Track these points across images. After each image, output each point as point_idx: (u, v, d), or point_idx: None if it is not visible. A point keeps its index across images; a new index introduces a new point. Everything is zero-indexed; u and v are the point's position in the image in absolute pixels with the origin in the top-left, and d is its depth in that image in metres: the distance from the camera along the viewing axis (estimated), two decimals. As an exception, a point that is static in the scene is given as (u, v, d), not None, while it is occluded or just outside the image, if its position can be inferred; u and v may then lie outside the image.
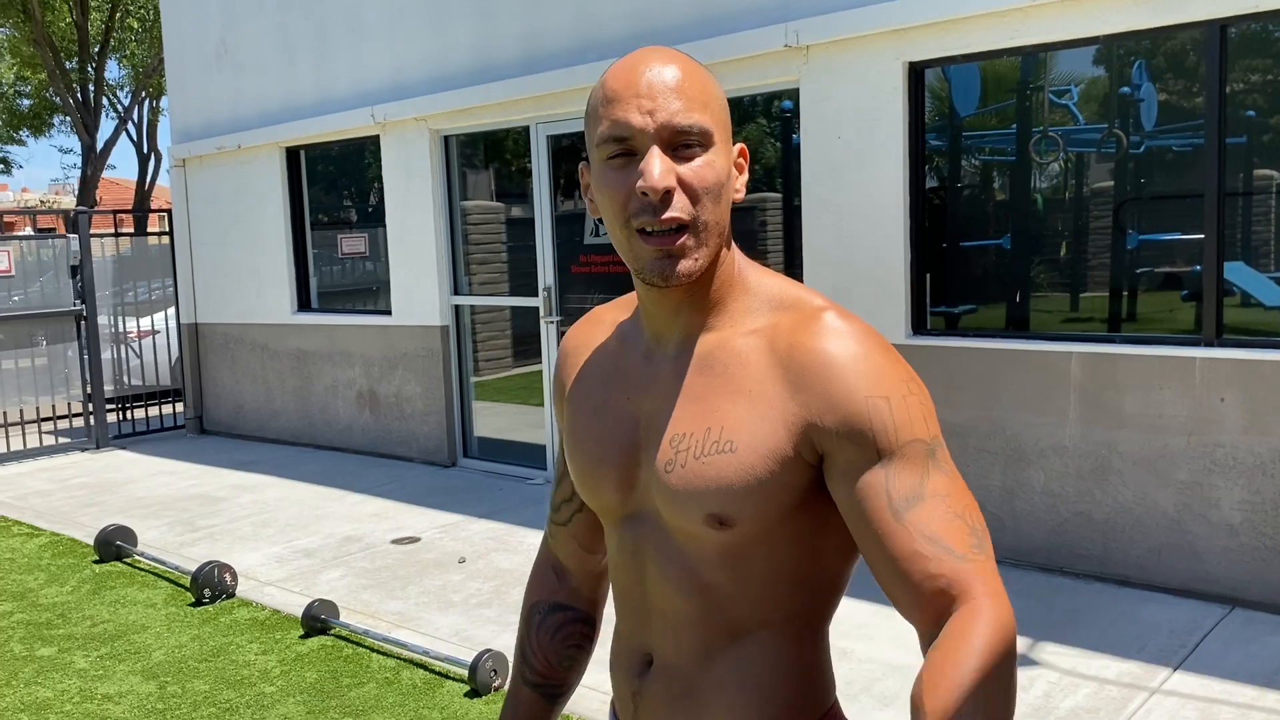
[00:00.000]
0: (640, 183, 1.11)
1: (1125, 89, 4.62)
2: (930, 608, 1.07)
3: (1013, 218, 5.00)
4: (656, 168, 1.11)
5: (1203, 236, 4.44)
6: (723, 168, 1.15)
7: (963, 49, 4.88)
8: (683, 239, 1.13)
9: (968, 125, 5.10)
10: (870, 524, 1.10)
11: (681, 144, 1.12)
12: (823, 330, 1.14)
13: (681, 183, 1.12)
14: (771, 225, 5.89)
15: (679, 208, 1.12)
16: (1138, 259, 4.66)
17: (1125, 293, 4.73)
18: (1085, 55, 4.72)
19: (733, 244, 1.22)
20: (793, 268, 5.86)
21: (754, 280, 1.23)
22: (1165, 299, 4.61)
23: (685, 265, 1.13)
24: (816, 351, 1.13)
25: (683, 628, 1.23)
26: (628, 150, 1.13)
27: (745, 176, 1.21)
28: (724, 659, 1.22)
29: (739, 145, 1.21)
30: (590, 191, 1.23)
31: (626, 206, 1.13)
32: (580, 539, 1.46)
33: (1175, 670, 3.73)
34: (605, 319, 1.37)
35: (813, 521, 1.17)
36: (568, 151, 6.77)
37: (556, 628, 1.47)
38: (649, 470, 1.22)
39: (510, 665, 1.50)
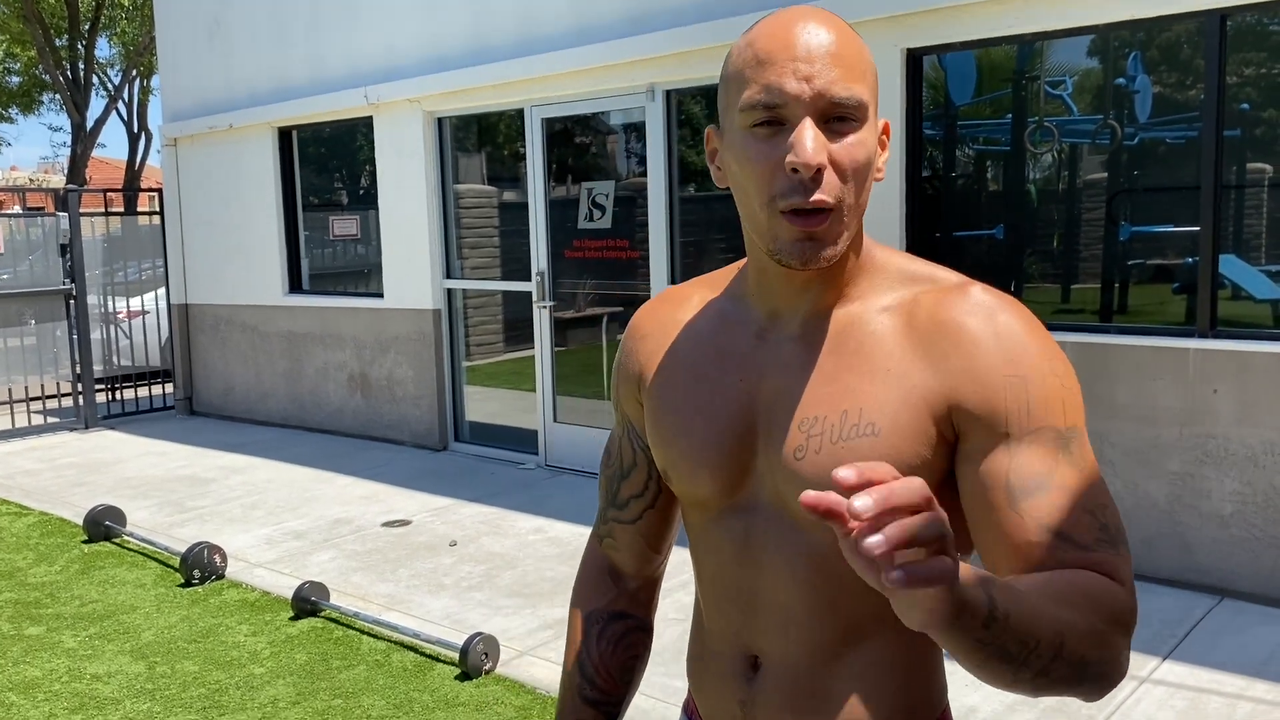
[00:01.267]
0: (791, 157, 1.01)
1: (1120, 80, 4.61)
2: None
3: (1006, 208, 5.00)
4: (810, 143, 1.01)
5: (1197, 229, 4.44)
6: (872, 147, 1.06)
7: (961, 36, 4.86)
8: (828, 222, 1.04)
9: (963, 114, 5.09)
10: (987, 512, 1.03)
11: (835, 117, 1.03)
12: (967, 304, 1.08)
13: (832, 161, 1.03)
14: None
15: (828, 189, 1.02)
16: (1130, 250, 4.67)
17: (1117, 284, 4.73)
18: (1080, 46, 4.71)
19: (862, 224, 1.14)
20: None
21: (881, 257, 1.15)
22: (1157, 290, 4.61)
23: (828, 250, 1.05)
24: (961, 326, 1.07)
25: (802, 624, 1.14)
26: (776, 119, 1.03)
27: (887, 154, 1.13)
28: (847, 658, 1.14)
29: (883, 121, 1.11)
30: (719, 159, 1.13)
31: (771, 183, 1.03)
32: (648, 538, 1.35)
33: (1164, 659, 3.75)
34: (690, 297, 1.26)
35: (947, 508, 1.09)
36: (561, 135, 6.74)
37: (617, 639, 1.37)
38: (770, 457, 1.13)
39: (563, 678, 1.37)
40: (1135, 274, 4.67)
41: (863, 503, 0.75)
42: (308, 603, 4.44)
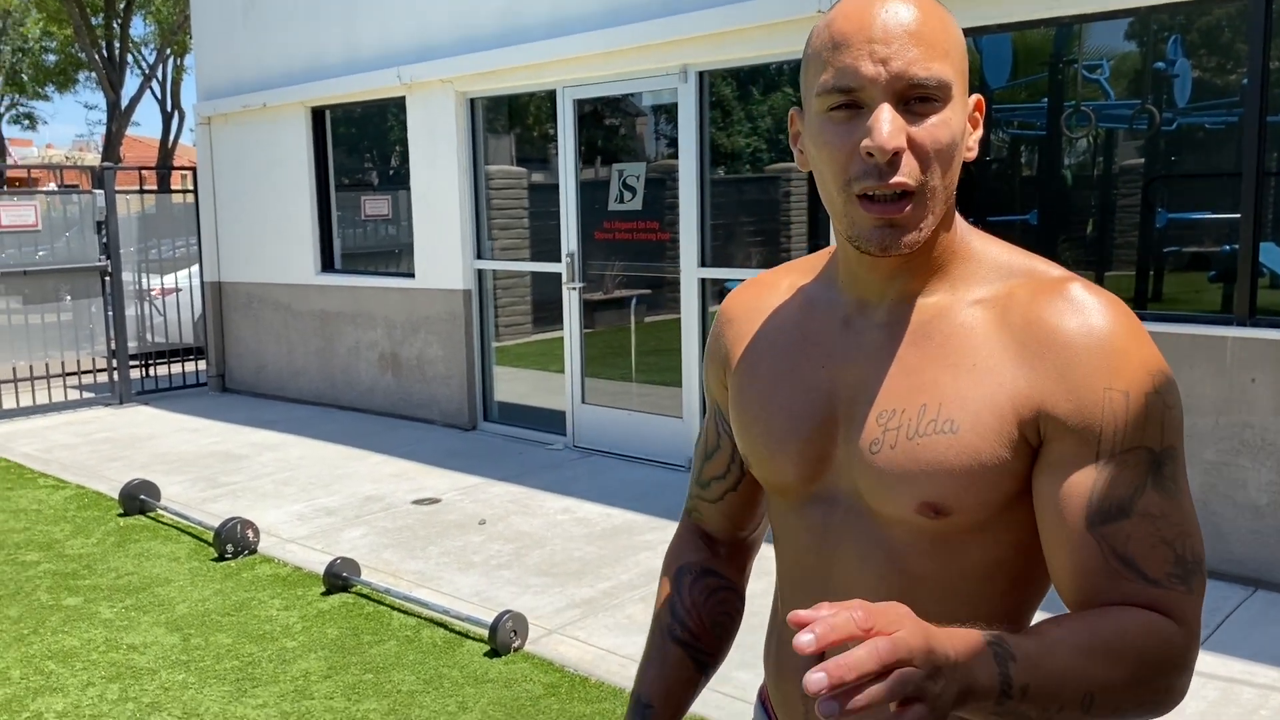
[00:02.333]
0: (866, 142, 0.98)
1: (1160, 64, 4.55)
2: None
3: (1041, 193, 4.96)
4: (886, 126, 0.98)
5: (1237, 216, 4.38)
6: (958, 126, 1.02)
7: (998, 18, 4.81)
8: (908, 207, 1.00)
9: (998, 98, 5.04)
10: (1059, 528, 1.00)
11: (916, 98, 0.99)
12: (1068, 304, 1.02)
13: (912, 144, 1.00)
14: (796, 196, 5.86)
15: (907, 172, 0.99)
16: (1167, 237, 4.62)
17: (1153, 271, 4.68)
18: (1119, 29, 4.65)
19: (954, 207, 1.10)
20: (816, 238, 5.83)
21: (978, 246, 1.11)
22: (1194, 278, 4.56)
23: (909, 236, 1.02)
24: (1058, 328, 1.01)
25: None
26: (853, 102, 1.00)
27: (979, 132, 1.08)
28: None
29: (975, 97, 1.07)
30: (800, 141, 1.10)
31: (847, 167, 1.01)
32: (732, 517, 1.35)
33: (1195, 649, 3.72)
34: (780, 283, 1.24)
35: (1025, 514, 1.06)
36: (592, 117, 6.73)
37: (709, 591, 1.34)
38: (848, 449, 1.10)
39: (652, 624, 1.34)
40: (1171, 261, 4.62)
41: (816, 679, 0.77)
42: (339, 578, 4.49)
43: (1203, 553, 1.00)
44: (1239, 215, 4.37)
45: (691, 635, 1.31)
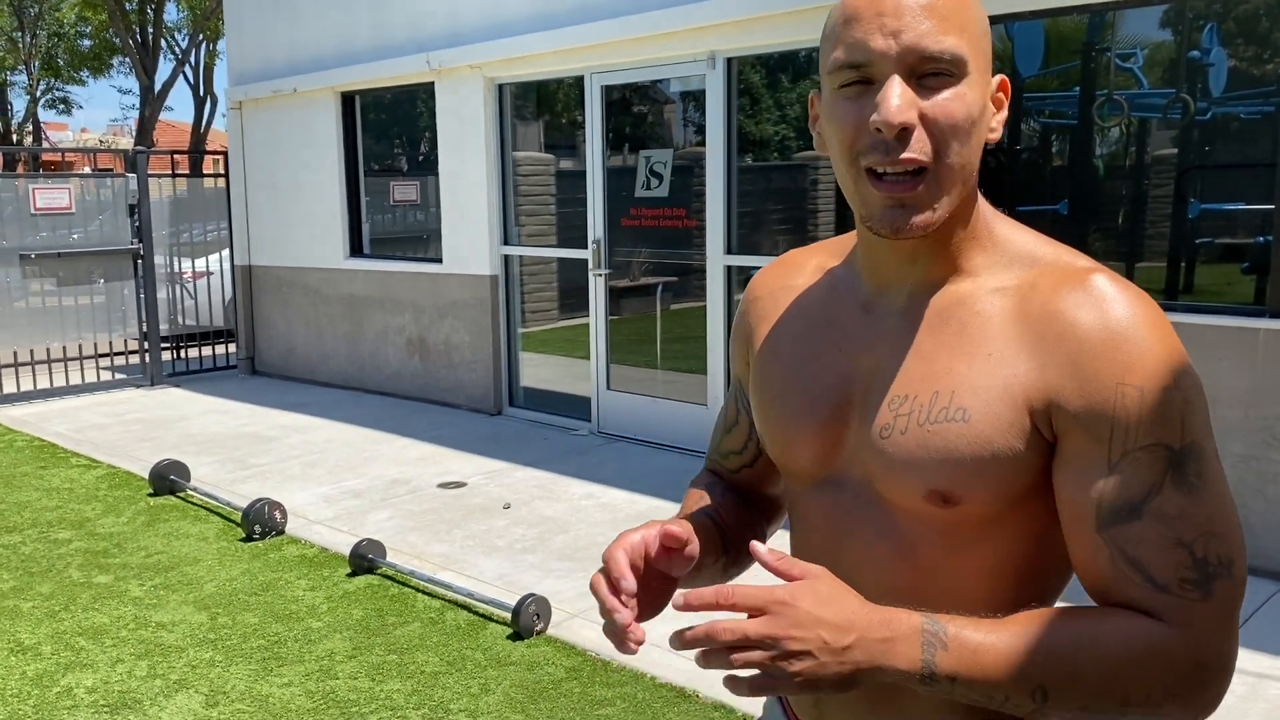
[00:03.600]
0: (874, 117, 0.96)
1: (1194, 53, 4.50)
2: None
3: (1072, 183, 4.91)
4: (894, 100, 0.96)
5: (1272, 207, 4.33)
6: (975, 102, 0.99)
7: (1032, 5, 4.76)
8: (920, 186, 0.98)
9: (1029, 86, 5.00)
10: (1073, 526, 0.99)
11: (929, 73, 0.97)
12: (1086, 295, 0.99)
13: (924, 118, 0.97)
14: (823, 184, 5.83)
15: (917, 148, 0.97)
16: (1199, 228, 4.56)
17: (1184, 262, 4.63)
18: (1153, 17, 4.60)
19: (977, 190, 1.07)
20: (843, 227, 5.80)
21: (1003, 233, 1.08)
22: (1225, 269, 4.51)
23: (921, 217, 0.99)
24: (1073, 321, 0.98)
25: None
26: (864, 78, 0.99)
27: (1004, 114, 1.06)
28: None
29: (999, 77, 1.06)
30: (818, 124, 1.09)
31: (855, 143, 0.99)
32: (748, 489, 1.35)
33: (1220, 643, 3.69)
34: (808, 264, 1.23)
35: (1051, 506, 1.03)
36: (620, 103, 6.72)
37: (738, 504, 1.31)
38: (861, 434, 1.08)
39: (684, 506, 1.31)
40: (1203, 253, 4.57)
41: (691, 635, 0.95)
42: (365, 560, 4.53)
43: (1234, 553, 0.96)
44: (1273, 206, 4.32)
45: (724, 522, 1.26)
